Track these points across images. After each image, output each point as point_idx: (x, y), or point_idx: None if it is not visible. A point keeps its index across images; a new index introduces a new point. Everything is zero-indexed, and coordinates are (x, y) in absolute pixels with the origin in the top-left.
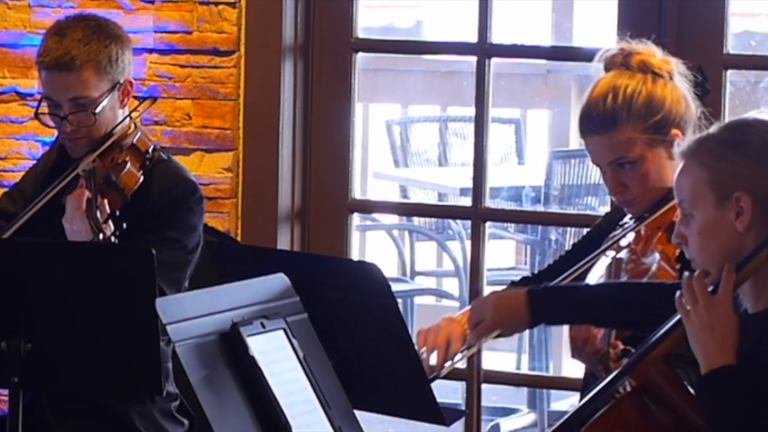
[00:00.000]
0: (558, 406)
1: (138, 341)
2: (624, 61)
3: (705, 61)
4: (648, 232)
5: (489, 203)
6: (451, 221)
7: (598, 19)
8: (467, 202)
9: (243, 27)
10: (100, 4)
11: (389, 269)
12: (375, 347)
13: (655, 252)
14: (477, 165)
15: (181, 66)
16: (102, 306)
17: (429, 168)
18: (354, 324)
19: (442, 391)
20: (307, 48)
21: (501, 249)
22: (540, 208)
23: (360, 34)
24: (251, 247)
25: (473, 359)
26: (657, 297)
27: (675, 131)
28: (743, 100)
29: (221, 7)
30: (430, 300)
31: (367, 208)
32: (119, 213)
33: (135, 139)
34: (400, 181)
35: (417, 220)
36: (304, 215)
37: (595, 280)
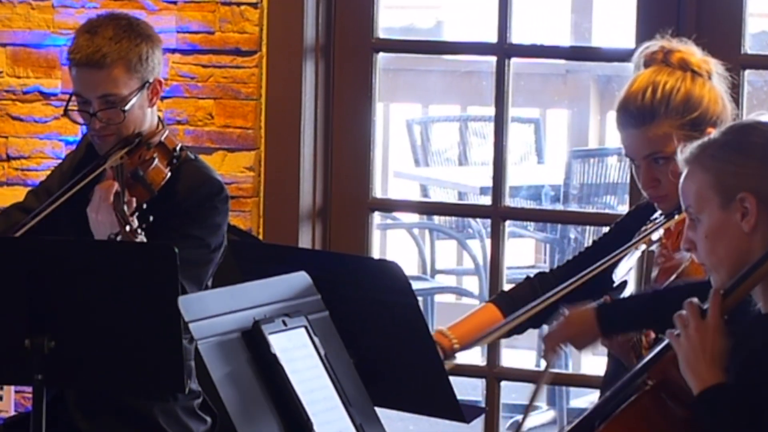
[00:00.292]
0: (577, 403)
1: (161, 339)
2: (664, 58)
3: (723, 61)
4: (679, 227)
5: (509, 202)
6: (471, 220)
7: (617, 20)
8: (487, 201)
9: (265, 27)
10: (123, 4)
11: (410, 267)
12: (395, 345)
13: None
14: (497, 164)
15: (204, 66)
16: (125, 304)
17: (449, 167)
18: (375, 322)
19: (461, 388)
20: (329, 48)
21: (520, 247)
22: (559, 206)
23: (381, 34)
24: (273, 246)
25: (493, 357)
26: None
27: (710, 130)
28: (761, 99)
29: (243, 8)
30: (450, 298)
31: (388, 206)
32: (146, 207)
33: (163, 137)
34: (420, 180)
35: (437, 218)
36: (325, 214)
37: (626, 273)
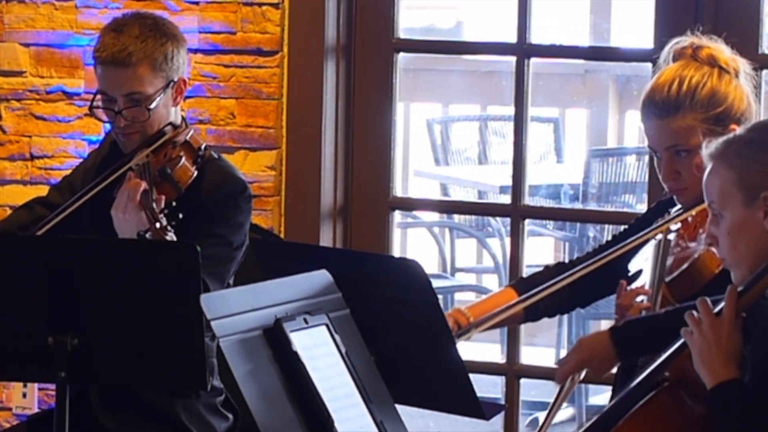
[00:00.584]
0: (596, 400)
1: (183, 336)
2: (693, 53)
3: None
4: (697, 219)
5: (528, 201)
6: (491, 218)
7: (635, 20)
8: (507, 199)
9: (286, 27)
10: (145, 4)
11: (430, 266)
12: (416, 343)
13: (702, 237)
14: (516, 163)
15: (225, 66)
16: (147, 302)
17: (469, 166)
18: (395, 320)
19: (481, 386)
20: (349, 48)
21: (540, 246)
22: (578, 205)
23: (401, 34)
24: (294, 244)
25: (513, 354)
26: None
27: (734, 126)
28: None
29: (265, 8)
30: (470, 296)
31: (408, 205)
32: (175, 205)
33: (188, 136)
34: (440, 179)
35: (457, 217)
36: (346, 213)
37: (643, 261)
